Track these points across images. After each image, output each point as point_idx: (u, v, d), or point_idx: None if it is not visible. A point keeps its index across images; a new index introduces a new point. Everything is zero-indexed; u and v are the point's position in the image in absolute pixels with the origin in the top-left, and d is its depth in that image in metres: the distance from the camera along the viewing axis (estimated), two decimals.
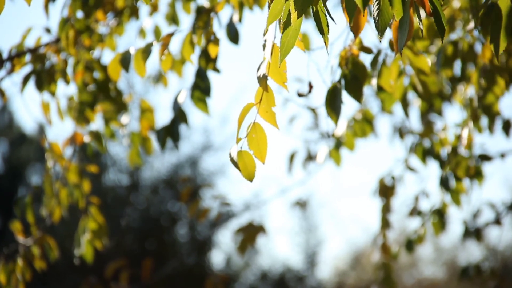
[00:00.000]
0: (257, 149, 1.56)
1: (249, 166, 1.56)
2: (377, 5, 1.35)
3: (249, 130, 1.56)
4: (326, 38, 1.45)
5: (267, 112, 1.56)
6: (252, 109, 1.57)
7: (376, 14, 1.35)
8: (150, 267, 4.29)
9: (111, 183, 10.49)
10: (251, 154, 1.56)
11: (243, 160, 1.56)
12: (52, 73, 2.79)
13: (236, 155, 1.55)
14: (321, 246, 12.31)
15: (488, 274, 4.12)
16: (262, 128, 1.56)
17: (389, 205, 3.61)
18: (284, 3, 1.42)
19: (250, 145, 1.56)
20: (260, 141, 1.56)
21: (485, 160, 3.19)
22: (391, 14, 1.35)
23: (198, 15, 2.41)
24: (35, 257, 3.00)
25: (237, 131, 1.55)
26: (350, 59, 1.95)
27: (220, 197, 3.92)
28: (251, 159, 1.56)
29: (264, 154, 1.56)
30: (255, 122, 1.56)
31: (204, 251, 10.65)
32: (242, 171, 1.56)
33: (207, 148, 10.91)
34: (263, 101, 1.56)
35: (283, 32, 1.43)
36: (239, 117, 1.56)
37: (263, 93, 1.56)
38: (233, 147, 1.56)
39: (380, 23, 1.35)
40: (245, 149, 1.56)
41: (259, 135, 1.56)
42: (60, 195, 3.03)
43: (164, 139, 2.44)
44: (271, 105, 1.56)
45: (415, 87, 2.15)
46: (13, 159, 11.52)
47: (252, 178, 1.56)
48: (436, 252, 13.05)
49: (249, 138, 1.56)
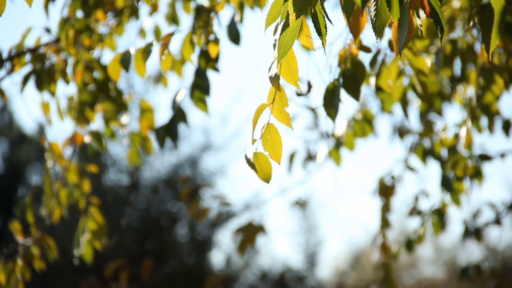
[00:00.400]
0: (272, 150, 1.55)
1: (265, 168, 1.55)
2: (375, 6, 1.35)
3: (263, 131, 1.55)
4: (324, 39, 1.45)
5: (280, 112, 1.56)
6: (265, 110, 1.55)
7: (373, 15, 1.35)
8: (150, 267, 4.29)
9: (111, 183, 10.49)
10: (266, 155, 1.55)
11: (259, 161, 1.55)
12: (52, 73, 2.79)
13: (252, 156, 1.54)
14: (321, 246, 12.32)
15: (488, 274, 4.12)
16: (276, 129, 1.55)
17: (389, 205, 3.61)
18: (283, 4, 1.42)
19: (265, 146, 1.55)
20: (275, 142, 1.55)
21: (485, 160, 3.19)
22: (389, 15, 1.35)
23: (198, 14, 2.41)
24: (34, 257, 3.00)
25: (252, 133, 1.54)
26: (349, 58, 1.96)
27: (220, 197, 3.92)
28: (266, 160, 1.55)
29: (280, 154, 1.55)
30: (269, 123, 1.56)
31: (204, 251, 10.65)
32: (259, 172, 1.55)
33: (207, 148, 10.91)
34: (276, 102, 1.56)
35: (281, 33, 1.43)
36: (253, 118, 1.54)
37: (275, 93, 1.55)
38: (248, 148, 1.55)
39: (377, 24, 1.35)
40: (260, 151, 1.55)
41: (273, 136, 1.55)
42: (60, 195, 3.03)
43: (163, 138, 2.44)
44: (284, 105, 1.55)
45: (415, 88, 2.15)
46: (13, 159, 11.52)
47: (268, 179, 1.55)
48: (436, 252, 13.05)
49: (263, 139, 1.55)
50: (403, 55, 2.07)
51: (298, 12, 1.37)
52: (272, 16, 1.44)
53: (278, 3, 1.42)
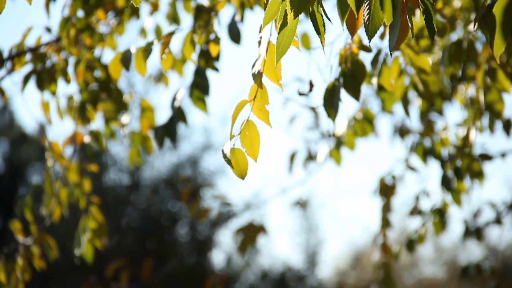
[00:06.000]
0: (250, 147, 1.55)
1: (241, 164, 1.55)
2: (368, 10, 1.35)
3: (242, 127, 1.55)
4: (323, 38, 1.45)
5: (260, 110, 1.56)
6: (246, 106, 1.55)
7: (366, 19, 1.35)
8: (150, 267, 4.29)
9: (111, 182, 10.49)
10: (243, 151, 1.55)
11: (236, 157, 1.55)
12: (53, 73, 2.79)
13: (229, 152, 1.54)
14: (321, 246, 12.32)
15: (488, 274, 4.12)
16: (255, 126, 1.55)
17: (389, 205, 3.61)
18: (280, 4, 1.42)
19: (243, 142, 1.55)
20: (253, 138, 1.55)
21: (486, 160, 3.19)
22: (382, 18, 1.35)
23: (199, 14, 2.40)
24: (35, 257, 3.00)
25: (230, 128, 1.54)
26: (350, 57, 1.95)
27: (220, 197, 3.92)
28: (243, 157, 1.55)
29: (257, 152, 1.55)
30: (249, 119, 1.55)
31: (205, 251, 10.65)
32: (234, 168, 1.55)
33: (207, 147, 10.92)
34: (257, 99, 1.55)
35: (279, 32, 1.43)
36: (232, 114, 1.54)
37: (257, 90, 1.55)
38: (226, 144, 1.55)
39: (370, 27, 1.35)
40: (238, 147, 1.55)
41: (252, 133, 1.55)
42: (60, 194, 3.03)
43: (162, 138, 2.44)
44: (265, 103, 1.55)
45: (416, 87, 2.15)
46: (13, 159, 11.52)
47: (244, 176, 1.55)
48: (436, 252, 13.05)
49: (242, 136, 1.55)
50: (404, 54, 2.07)
51: (296, 11, 1.37)
52: (269, 15, 1.44)
53: (276, 2, 1.42)
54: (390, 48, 1.40)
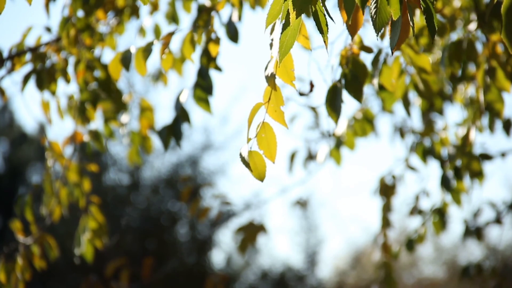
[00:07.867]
0: (267, 149, 1.55)
1: (259, 166, 1.55)
2: (375, 4, 1.35)
3: (259, 130, 1.55)
4: (326, 38, 1.45)
5: (275, 111, 1.56)
6: (261, 109, 1.56)
7: (373, 13, 1.35)
8: (150, 267, 4.29)
9: (111, 182, 10.49)
10: (261, 154, 1.55)
11: (253, 160, 1.55)
12: (53, 72, 2.78)
13: (247, 155, 1.54)
14: (321, 246, 12.32)
15: (488, 274, 4.12)
16: (271, 128, 1.56)
17: (389, 205, 3.61)
18: (283, 3, 1.42)
19: (260, 144, 1.55)
20: (270, 140, 1.55)
21: (486, 159, 3.19)
22: (389, 12, 1.35)
23: (199, 14, 2.40)
24: (35, 256, 3.00)
25: (247, 131, 1.54)
26: (351, 58, 1.95)
27: (220, 197, 3.92)
28: (261, 159, 1.55)
29: (274, 153, 1.55)
30: (264, 121, 1.56)
31: (205, 250, 10.65)
32: (253, 171, 1.55)
33: (207, 147, 10.92)
34: (271, 100, 1.56)
35: (282, 32, 1.43)
36: (248, 117, 1.55)
37: (271, 92, 1.56)
38: (243, 147, 1.56)
39: (377, 21, 1.36)
40: (255, 149, 1.55)
41: (268, 135, 1.55)
42: (60, 194, 3.03)
43: (168, 139, 2.43)
44: (280, 104, 1.55)
45: (417, 86, 2.15)
46: (13, 159, 11.52)
47: (263, 178, 1.55)
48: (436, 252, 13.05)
49: (258, 138, 1.55)
50: (404, 53, 2.07)
51: (299, 11, 1.37)
52: (272, 15, 1.44)
53: (279, 2, 1.42)
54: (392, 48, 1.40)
